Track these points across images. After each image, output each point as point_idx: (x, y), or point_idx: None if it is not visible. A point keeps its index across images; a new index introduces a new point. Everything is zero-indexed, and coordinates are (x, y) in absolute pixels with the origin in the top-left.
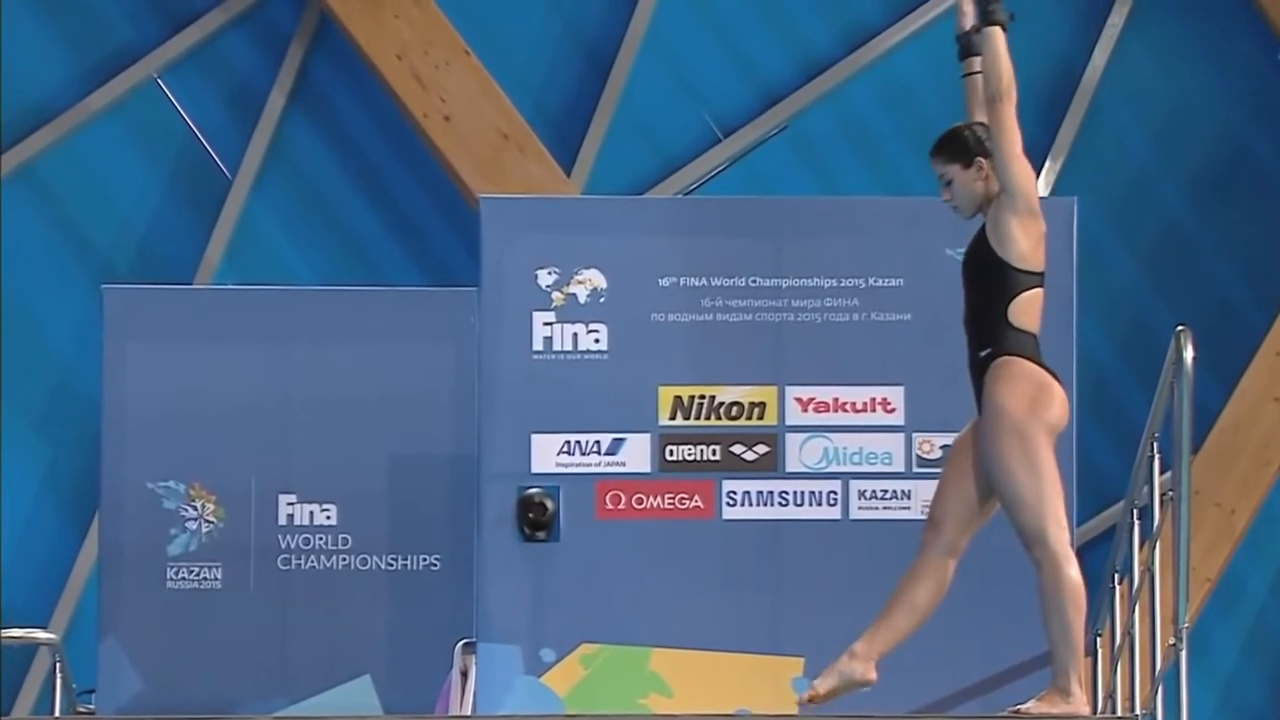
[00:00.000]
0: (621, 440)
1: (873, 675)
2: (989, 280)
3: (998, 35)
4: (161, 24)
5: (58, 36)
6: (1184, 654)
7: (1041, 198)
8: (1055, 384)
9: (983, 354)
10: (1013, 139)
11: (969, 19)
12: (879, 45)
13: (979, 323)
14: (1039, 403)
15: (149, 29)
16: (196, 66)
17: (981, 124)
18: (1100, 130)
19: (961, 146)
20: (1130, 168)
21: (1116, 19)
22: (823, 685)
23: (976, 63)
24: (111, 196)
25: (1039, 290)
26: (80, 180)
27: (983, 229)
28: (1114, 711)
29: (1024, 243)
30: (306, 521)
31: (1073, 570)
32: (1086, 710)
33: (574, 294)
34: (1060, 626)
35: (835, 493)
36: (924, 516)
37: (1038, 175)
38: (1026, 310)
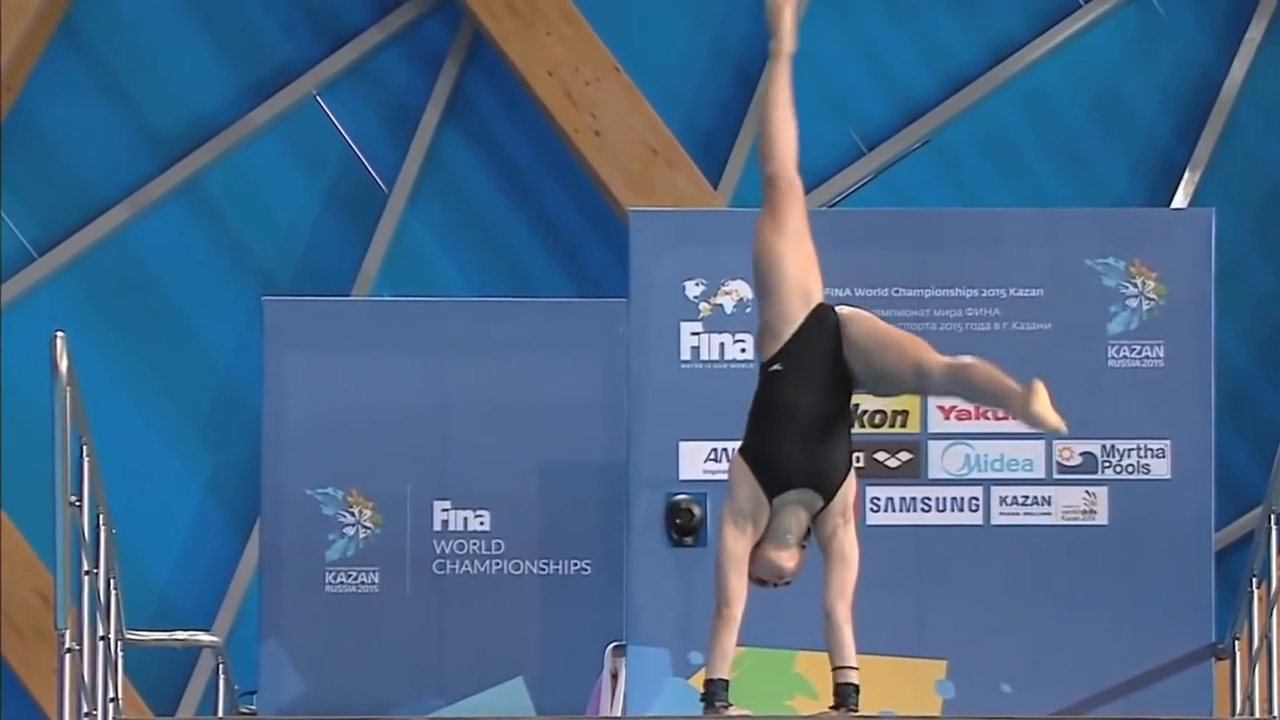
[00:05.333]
0: None
1: None
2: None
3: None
4: (320, 42)
5: (220, 54)
6: None
7: (1179, 209)
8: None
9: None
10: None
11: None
12: (1020, 59)
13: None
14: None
15: (308, 47)
16: (354, 83)
17: None
18: (1239, 142)
19: None
20: (1268, 178)
21: (1255, 33)
22: None
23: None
24: (272, 210)
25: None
26: (242, 194)
27: None
28: (1253, 713)
29: (736, 496)
30: (461, 527)
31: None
32: (1044, 391)
33: (721, 304)
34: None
35: (977, 499)
36: (1065, 522)
37: (1177, 187)
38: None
